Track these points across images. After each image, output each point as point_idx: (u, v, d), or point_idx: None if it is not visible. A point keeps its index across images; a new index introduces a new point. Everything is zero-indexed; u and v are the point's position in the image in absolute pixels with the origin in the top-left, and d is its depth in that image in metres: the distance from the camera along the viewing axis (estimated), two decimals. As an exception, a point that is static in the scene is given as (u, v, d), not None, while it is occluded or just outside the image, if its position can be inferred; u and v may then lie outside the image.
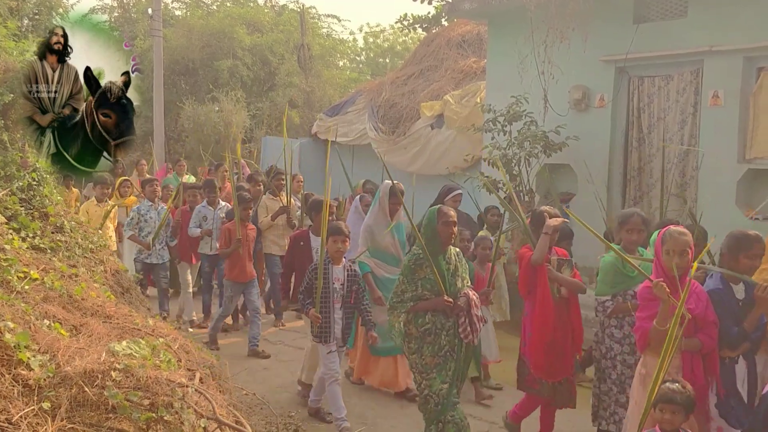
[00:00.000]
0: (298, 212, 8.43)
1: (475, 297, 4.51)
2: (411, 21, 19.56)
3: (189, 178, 11.07)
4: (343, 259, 5.25)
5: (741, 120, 7.13)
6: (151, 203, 8.10)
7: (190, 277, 8.23)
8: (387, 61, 28.38)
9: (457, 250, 4.67)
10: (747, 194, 7.16)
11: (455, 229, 4.50)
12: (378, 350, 5.79)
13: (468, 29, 13.50)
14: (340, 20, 30.01)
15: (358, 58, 29.99)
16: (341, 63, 26.47)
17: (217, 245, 7.54)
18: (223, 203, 8.32)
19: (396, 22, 20.44)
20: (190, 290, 8.23)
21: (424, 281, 4.40)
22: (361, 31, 35.28)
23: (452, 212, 4.51)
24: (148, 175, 10.97)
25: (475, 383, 5.92)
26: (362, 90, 14.44)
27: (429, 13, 18.71)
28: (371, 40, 30.06)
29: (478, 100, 10.10)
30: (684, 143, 7.68)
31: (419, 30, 20.28)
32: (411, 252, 4.56)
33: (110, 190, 8.70)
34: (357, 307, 5.26)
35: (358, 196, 7.09)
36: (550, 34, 7.83)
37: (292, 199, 8.33)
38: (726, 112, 7.20)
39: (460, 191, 7.07)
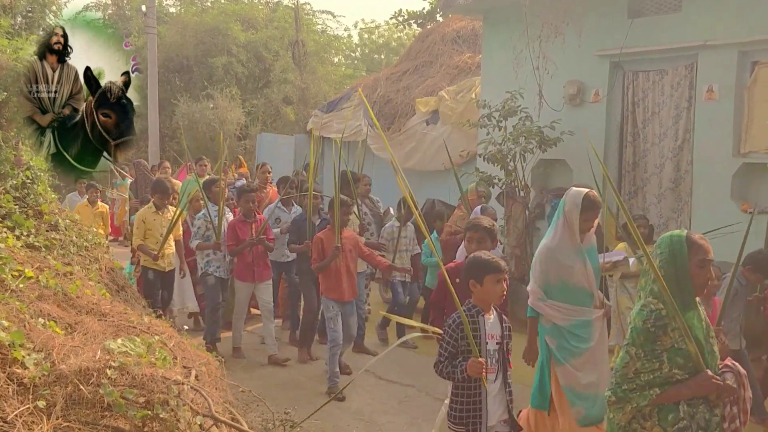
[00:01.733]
0: (364, 219, 7.51)
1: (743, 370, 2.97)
2: (406, 17, 19.61)
3: None
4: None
5: (736, 114, 7.14)
6: (217, 207, 6.92)
7: (246, 304, 6.96)
8: (382, 57, 28.38)
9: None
10: (742, 188, 7.18)
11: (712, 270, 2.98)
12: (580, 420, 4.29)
13: (463, 25, 13.51)
14: (334, 16, 30.21)
15: (353, 55, 29.99)
16: (336, 59, 26.47)
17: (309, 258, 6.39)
18: (297, 206, 7.37)
19: (391, 18, 20.55)
20: (247, 318, 7.05)
21: (673, 354, 2.77)
22: (356, 27, 35.27)
23: (708, 244, 2.90)
24: (174, 179, 10.16)
25: None
26: (357, 86, 14.43)
27: (423, 8, 18.78)
28: (366, 36, 30.08)
29: (473, 95, 10.10)
30: (679, 138, 7.70)
31: (414, 26, 20.31)
32: (645, 307, 2.84)
33: (171, 197, 7.28)
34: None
35: (478, 207, 5.82)
36: (545, 29, 7.83)
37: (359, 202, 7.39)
38: (720, 107, 7.21)
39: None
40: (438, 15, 17.83)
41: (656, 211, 7.97)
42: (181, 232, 7.28)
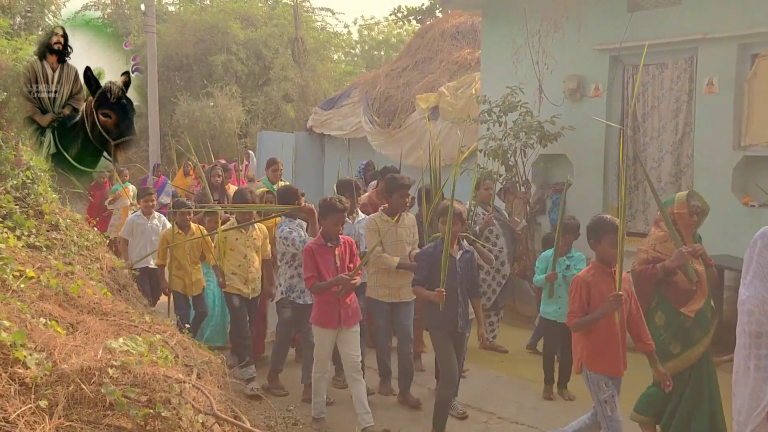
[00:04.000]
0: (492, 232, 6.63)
1: None
2: (405, 13, 19.62)
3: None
4: None
5: (736, 107, 7.13)
6: (296, 221, 5.81)
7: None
8: (382, 53, 28.35)
9: None
10: (743, 181, 7.17)
11: None
12: None
13: (462, 20, 13.49)
14: (334, 13, 30.22)
15: (353, 51, 29.97)
16: (336, 56, 26.45)
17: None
18: (363, 215, 6.18)
19: (390, 14, 20.54)
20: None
21: None
22: (355, 23, 35.29)
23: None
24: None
25: None
26: (357, 83, 14.42)
27: (423, 4, 18.78)
28: (366, 32, 30.05)
29: (473, 91, 10.09)
30: (679, 131, 7.69)
31: (413, 22, 20.30)
32: None
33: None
34: None
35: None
36: (544, 23, 7.83)
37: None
38: (721, 100, 7.20)
39: None
40: (437, 11, 17.84)
41: (656, 205, 7.95)
42: (269, 250, 6.23)
